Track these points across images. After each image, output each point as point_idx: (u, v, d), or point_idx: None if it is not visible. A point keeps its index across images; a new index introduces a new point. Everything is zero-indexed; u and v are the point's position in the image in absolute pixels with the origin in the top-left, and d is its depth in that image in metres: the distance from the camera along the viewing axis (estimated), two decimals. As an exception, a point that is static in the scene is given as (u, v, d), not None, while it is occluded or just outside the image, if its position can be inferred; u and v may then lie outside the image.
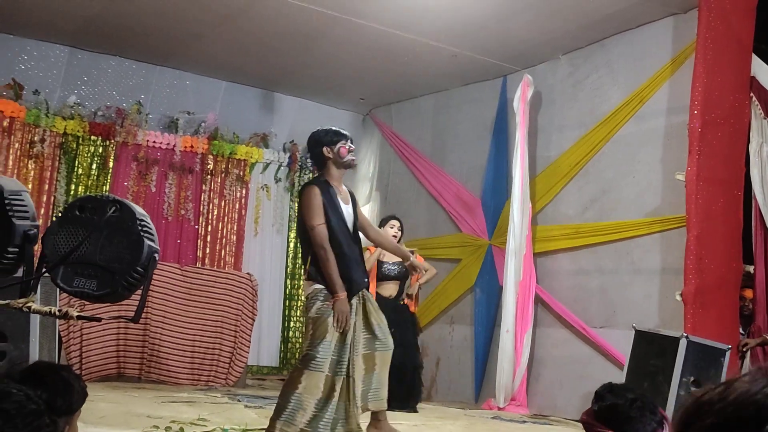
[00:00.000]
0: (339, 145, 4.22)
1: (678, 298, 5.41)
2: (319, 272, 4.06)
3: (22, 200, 2.08)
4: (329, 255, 4.02)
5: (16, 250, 2.07)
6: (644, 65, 6.49)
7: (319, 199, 4.07)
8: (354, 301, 4.13)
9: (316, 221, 4.05)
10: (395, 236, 6.40)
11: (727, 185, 5.52)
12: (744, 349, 5.35)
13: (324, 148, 4.22)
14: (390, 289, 6.39)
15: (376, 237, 4.72)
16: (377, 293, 6.15)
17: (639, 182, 6.42)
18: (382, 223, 6.66)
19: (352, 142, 4.32)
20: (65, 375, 2.32)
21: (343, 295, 4.02)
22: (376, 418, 4.35)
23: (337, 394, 4.00)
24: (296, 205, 9.01)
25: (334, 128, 4.32)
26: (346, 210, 4.23)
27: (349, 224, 4.23)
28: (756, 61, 5.74)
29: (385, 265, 6.42)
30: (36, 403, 1.58)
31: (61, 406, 1.96)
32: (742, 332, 5.63)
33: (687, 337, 4.57)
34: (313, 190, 4.10)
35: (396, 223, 6.62)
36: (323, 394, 3.96)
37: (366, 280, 4.27)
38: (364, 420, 4.30)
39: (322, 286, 4.05)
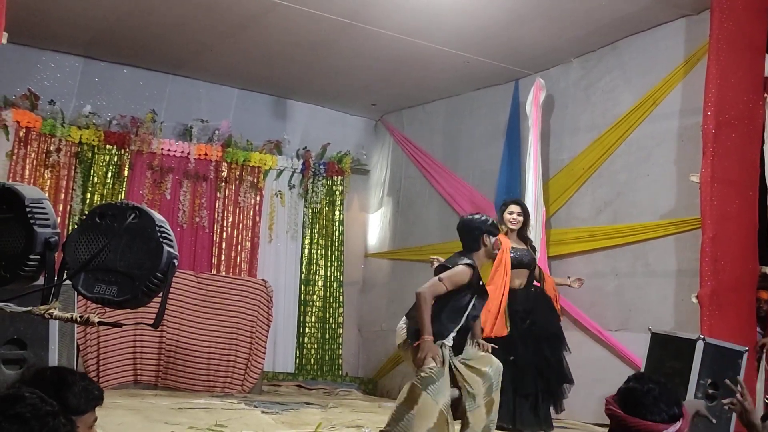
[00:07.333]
0: (496, 238, 4.52)
1: (694, 300, 5.37)
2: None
3: (44, 208, 2.11)
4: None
5: (38, 257, 2.10)
6: (657, 67, 6.47)
7: (468, 278, 4.32)
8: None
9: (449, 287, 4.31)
10: (514, 221, 6.01)
11: (741, 186, 5.49)
12: (763, 350, 5.31)
13: (484, 236, 4.47)
14: (519, 278, 5.86)
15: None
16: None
17: (653, 184, 6.40)
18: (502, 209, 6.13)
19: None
20: (66, 377, 2.32)
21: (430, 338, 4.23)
22: None
23: None
24: (310, 211, 9.14)
25: (492, 220, 4.62)
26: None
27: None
28: (769, 62, 5.72)
29: (510, 252, 5.79)
30: (50, 404, 1.60)
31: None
32: (760, 331, 5.58)
33: (704, 339, 4.54)
34: (466, 271, 4.34)
35: (516, 208, 6.07)
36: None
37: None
38: None
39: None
